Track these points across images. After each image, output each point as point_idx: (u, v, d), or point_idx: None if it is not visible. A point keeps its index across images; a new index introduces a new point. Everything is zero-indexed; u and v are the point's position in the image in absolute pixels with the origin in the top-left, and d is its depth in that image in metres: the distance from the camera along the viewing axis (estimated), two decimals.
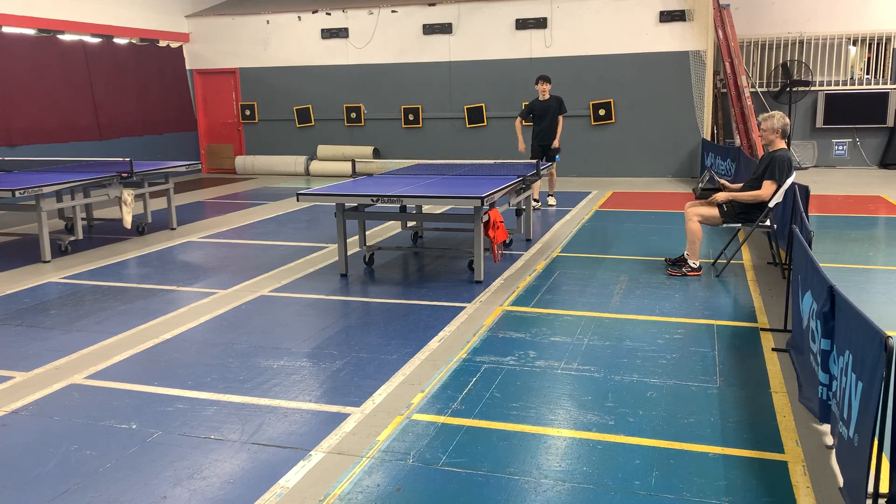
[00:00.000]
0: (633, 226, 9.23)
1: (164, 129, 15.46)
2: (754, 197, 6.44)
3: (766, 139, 6.46)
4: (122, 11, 14.20)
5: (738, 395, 4.15)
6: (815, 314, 3.61)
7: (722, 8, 13.42)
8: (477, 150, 14.52)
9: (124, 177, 8.77)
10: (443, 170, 8.84)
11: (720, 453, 3.50)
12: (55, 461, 3.54)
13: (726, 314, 5.65)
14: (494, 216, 6.70)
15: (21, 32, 12.20)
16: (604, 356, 4.78)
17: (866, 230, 8.50)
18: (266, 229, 9.59)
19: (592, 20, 13.90)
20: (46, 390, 4.41)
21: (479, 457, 3.50)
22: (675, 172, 14.03)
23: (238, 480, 3.34)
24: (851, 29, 14.09)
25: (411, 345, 5.06)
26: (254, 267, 7.41)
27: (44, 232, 7.83)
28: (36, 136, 12.43)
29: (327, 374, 4.60)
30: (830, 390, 3.33)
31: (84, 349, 5.11)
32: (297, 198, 6.99)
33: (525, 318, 5.63)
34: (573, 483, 3.26)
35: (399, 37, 14.95)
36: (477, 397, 4.18)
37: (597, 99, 14.08)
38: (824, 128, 14.42)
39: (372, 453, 3.56)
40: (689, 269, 6.72)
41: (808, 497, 3.11)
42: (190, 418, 3.99)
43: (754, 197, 6.44)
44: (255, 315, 5.86)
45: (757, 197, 6.43)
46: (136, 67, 14.69)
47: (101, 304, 6.22)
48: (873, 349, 2.55)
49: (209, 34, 16.08)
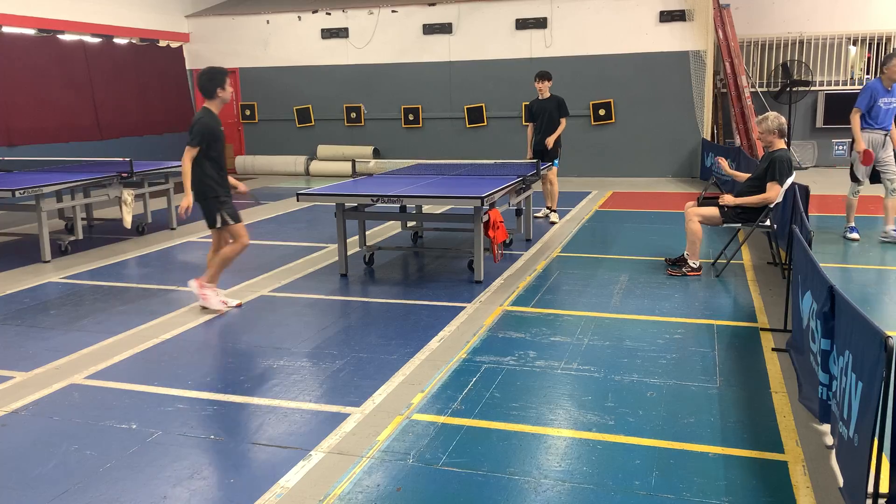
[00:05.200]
0: (633, 226, 9.23)
1: (164, 129, 15.45)
2: (762, 200, 6.44)
3: (765, 141, 6.47)
4: (122, 11, 14.20)
5: (738, 395, 4.15)
6: (815, 314, 3.61)
7: (722, 8, 13.42)
8: (477, 150, 14.52)
9: (124, 177, 8.77)
10: (443, 170, 8.84)
11: (720, 453, 3.50)
12: (55, 461, 3.54)
13: (726, 314, 5.65)
14: (494, 216, 6.70)
15: (21, 32, 12.20)
16: (604, 356, 4.78)
17: (866, 230, 8.50)
18: (266, 229, 9.58)
19: (592, 20, 13.89)
20: (46, 390, 4.41)
21: (479, 457, 3.50)
22: (675, 172, 14.02)
23: (238, 480, 3.34)
24: (851, 29, 14.09)
25: (411, 345, 5.06)
26: (254, 267, 7.41)
27: (44, 232, 7.83)
28: (36, 136, 12.43)
29: (327, 374, 4.60)
30: (830, 390, 3.33)
31: (84, 349, 5.11)
32: (297, 198, 6.99)
33: (525, 318, 5.63)
34: (573, 483, 3.26)
35: (399, 37, 14.94)
36: (477, 397, 4.17)
37: (597, 99, 14.07)
38: (824, 128, 14.42)
39: (372, 453, 3.55)
40: (689, 269, 6.72)
41: (808, 497, 3.11)
42: (190, 418, 3.99)
43: (762, 200, 6.44)
44: (255, 315, 5.86)
45: (765, 200, 6.43)
46: (136, 67, 14.69)
47: (101, 304, 6.22)
48: (873, 349, 2.55)
49: (209, 34, 16.08)
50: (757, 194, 6.48)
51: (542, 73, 9.73)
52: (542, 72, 9.77)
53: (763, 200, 6.43)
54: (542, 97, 9.73)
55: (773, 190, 6.35)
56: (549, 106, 9.65)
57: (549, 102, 9.67)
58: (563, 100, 9.72)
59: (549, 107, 9.65)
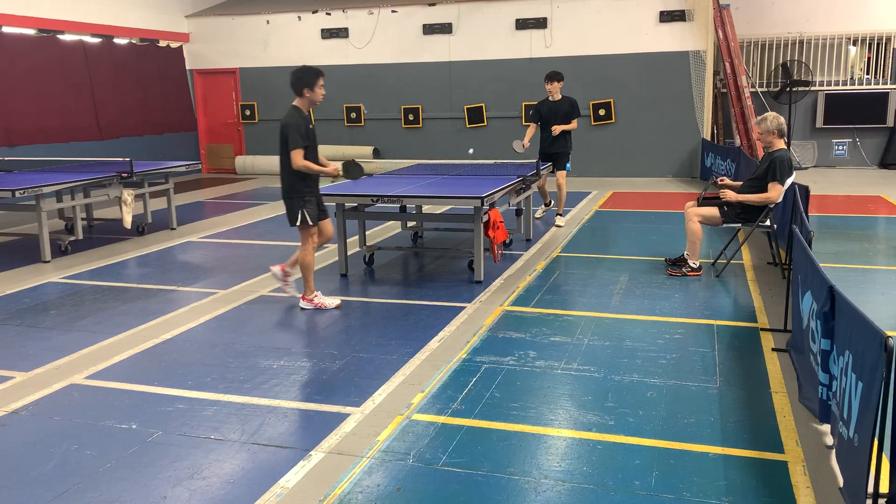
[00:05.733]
0: (633, 226, 9.23)
1: (164, 129, 15.45)
2: (763, 199, 6.44)
3: (765, 141, 6.46)
4: (122, 11, 14.19)
5: (738, 395, 4.15)
6: (815, 314, 3.61)
7: (722, 8, 13.42)
8: (477, 150, 14.50)
9: (124, 177, 8.76)
10: (443, 170, 8.83)
11: (720, 453, 3.50)
12: (55, 461, 3.54)
13: (726, 314, 5.65)
14: (494, 216, 6.70)
15: (21, 32, 12.20)
16: (604, 356, 4.78)
17: (866, 230, 8.50)
18: (266, 229, 9.58)
19: (592, 20, 13.89)
20: (46, 390, 4.41)
21: (479, 457, 3.50)
22: (675, 172, 14.02)
23: (238, 480, 3.34)
24: (851, 29, 14.09)
25: (411, 345, 5.06)
26: (254, 267, 7.41)
27: (44, 232, 7.83)
28: (36, 137, 12.43)
29: (327, 374, 4.60)
30: (830, 390, 3.33)
31: (84, 349, 5.11)
32: None
33: (525, 318, 5.63)
34: (573, 483, 3.26)
35: (399, 37, 14.94)
36: (477, 397, 4.17)
37: (597, 99, 14.07)
38: (824, 128, 14.42)
39: (372, 453, 3.55)
40: (689, 269, 6.72)
41: (808, 497, 3.11)
42: (190, 418, 3.99)
43: (763, 199, 6.44)
44: (255, 315, 5.86)
45: (766, 200, 6.42)
46: (136, 67, 14.69)
47: (101, 304, 6.22)
48: (873, 349, 2.55)
49: (209, 34, 16.08)
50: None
51: (553, 74, 9.21)
52: (553, 72, 9.26)
53: (764, 200, 6.43)
54: (552, 99, 9.24)
55: (774, 190, 6.35)
56: (563, 108, 9.17)
57: (562, 104, 9.19)
58: (576, 102, 9.33)
59: (563, 108, 9.17)
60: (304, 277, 5.97)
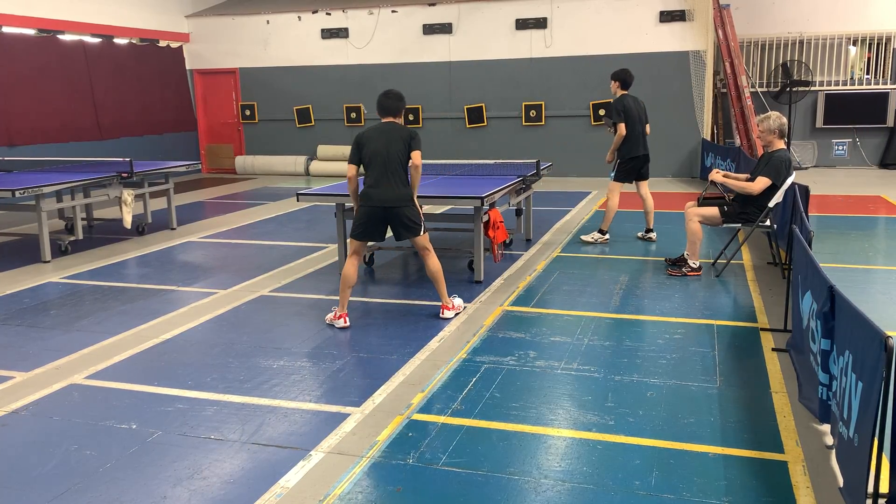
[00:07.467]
0: (633, 226, 9.22)
1: (164, 129, 15.45)
2: (743, 188, 6.45)
3: (765, 140, 6.46)
4: (122, 11, 14.19)
5: (738, 395, 4.15)
6: (815, 314, 3.61)
7: (722, 8, 13.42)
8: (477, 150, 14.51)
9: (124, 177, 8.76)
10: (443, 170, 8.84)
11: (720, 453, 3.50)
12: (55, 461, 3.54)
13: (726, 314, 5.65)
14: (494, 216, 6.70)
15: (21, 32, 12.20)
16: (604, 356, 4.78)
17: (866, 230, 8.50)
18: (266, 229, 9.58)
19: (592, 20, 13.89)
20: (46, 390, 4.41)
21: (479, 457, 3.50)
22: (675, 172, 14.02)
23: (238, 480, 3.34)
24: (851, 29, 14.09)
25: (411, 345, 5.06)
26: (254, 267, 7.41)
27: (44, 232, 7.83)
28: (36, 136, 12.43)
29: (327, 374, 4.60)
30: (830, 390, 3.33)
31: (84, 349, 5.11)
32: (297, 198, 6.99)
33: (525, 318, 5.63)
34: (573, 483, 3.26)
35: (399, 37, 14.94)
36: (477, 397, 4.17)
37: (597, 99, 14.06)
38: (824, 128, 14.42)
39: (372, 453, 3.55)
40: (689, 269, 6.72)
41: (808, 497, 3.11)
42: (190, 418, 3.99)
43: (743, 188, 6.45)
44: (255, 315, 5.86)
45: (745, 188, 6.43)
46: (136, 67, 14.69)
47: (101, 304, 6.22)
48: (873, 349, 2.55)
49: (209, 34, 16.08)
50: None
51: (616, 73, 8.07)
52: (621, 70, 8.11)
53: (745, 188, 6.43)
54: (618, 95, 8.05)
55: (758, 182, 6.35)
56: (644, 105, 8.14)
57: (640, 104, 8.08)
58: (614, 102, 8.19)
59: (644, 106, 8.13)
60: (438, 285, 5.65)
